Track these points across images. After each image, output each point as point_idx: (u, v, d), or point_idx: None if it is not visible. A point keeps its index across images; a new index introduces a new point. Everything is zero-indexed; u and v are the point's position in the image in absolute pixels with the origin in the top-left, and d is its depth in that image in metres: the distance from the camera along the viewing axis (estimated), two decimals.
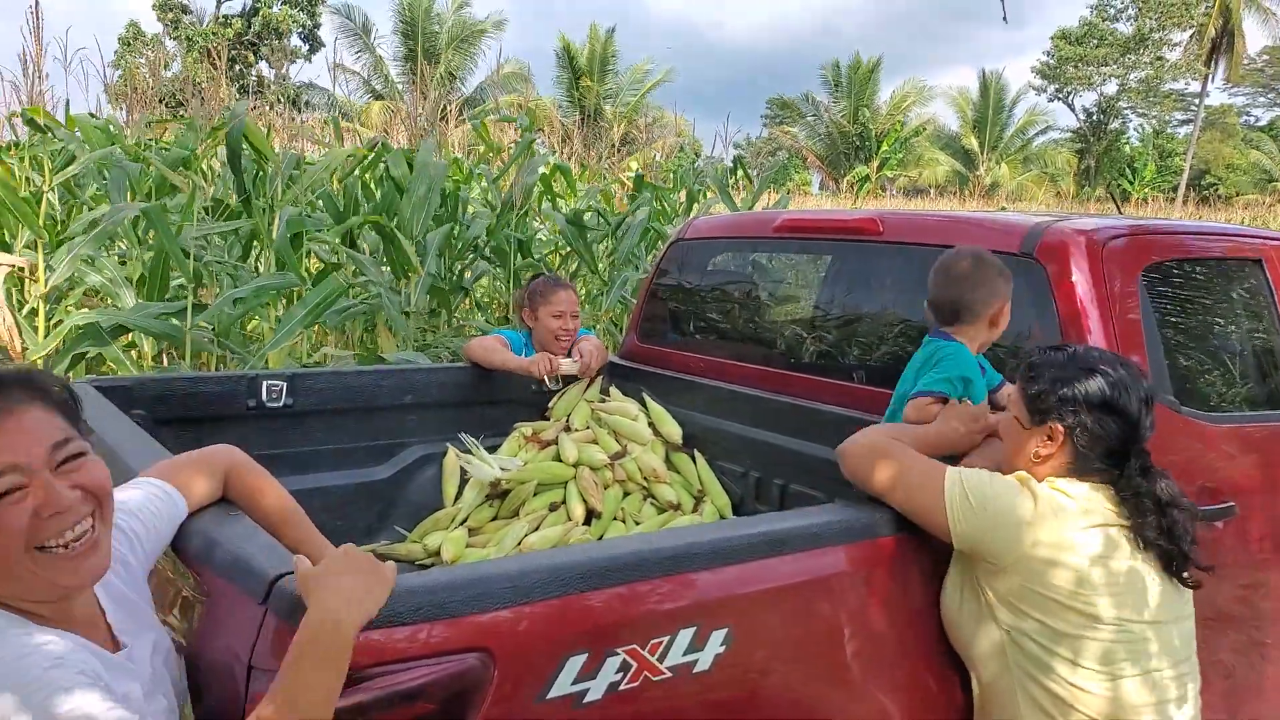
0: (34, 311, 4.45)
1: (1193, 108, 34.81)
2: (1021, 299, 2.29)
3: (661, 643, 1.37)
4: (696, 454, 2.95)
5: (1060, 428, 1.69)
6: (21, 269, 4.35)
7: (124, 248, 5.20)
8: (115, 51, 30.98)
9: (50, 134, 5.46)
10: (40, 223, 4.31)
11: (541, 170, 5.57)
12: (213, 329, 4.09)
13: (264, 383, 2.77)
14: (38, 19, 5.59)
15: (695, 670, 1.41)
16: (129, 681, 1.20)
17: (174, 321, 3.97)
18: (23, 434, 1.13)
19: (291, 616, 1.17)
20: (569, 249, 6.03)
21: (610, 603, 1.34)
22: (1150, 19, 34.08)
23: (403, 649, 1.20)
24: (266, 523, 1.51)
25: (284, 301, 4.95)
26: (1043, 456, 1.71)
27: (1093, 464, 1.69)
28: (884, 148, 24.36)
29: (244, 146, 4.57)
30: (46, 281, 4.31)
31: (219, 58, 6.00)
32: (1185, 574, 1.64)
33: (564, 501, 2.85)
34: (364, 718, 1.18)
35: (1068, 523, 1.62)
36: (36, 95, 5.55)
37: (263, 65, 32.22)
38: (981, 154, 31.52)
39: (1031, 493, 1.65)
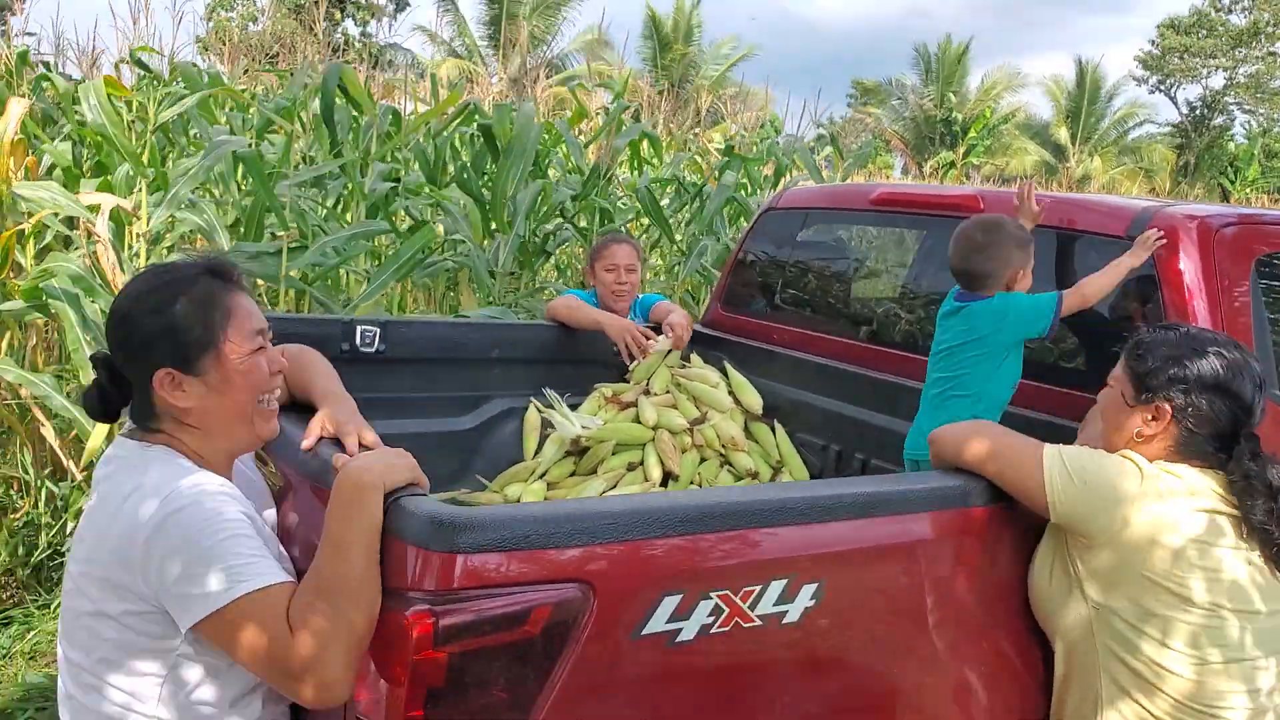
0: (134, 253, 4.64)
1: None
2: (1125, 285, 2.24)
3: (754, 591, 1.40)
4: (776, 425, 2.96)
5: (1167, 406, 1.66)
6: (124, 210, 4.53)
7: (218, 195, 5.37)
8: (206, 5, 31.69)
9: (154, 77, 5.64)
10: (145, 163, 4.48)
11: (631, 138, 5.57)
12: (305, 277, 4.21)
13: (359, 327, 2.85)
14: None
15: (784, 621, 1.43)
16: None
17: (270, 259, 4.09)
18: (257, 309, 1.47)
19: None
20: (648, 218, 6.05)
21: (708, 547, 1.37)
22: (1266, 11, 32.28)
23: (507, 575, 1.25)
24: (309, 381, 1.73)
25: (372, 257, 5.07)
26: (1146, 436, 1.68)
27: (1200, 446, 1.65)
28: (971, 134, 23.74)
29: (339, 99, 4.67)
30: (149, 220, 4.49)
31: (318, 7, 6.11)
32: None
33: (642, 462, 2.88)
34: (467, 637, 1.24)
35: (1172, 503, 1.60)
36: (148, 37, 5.73)
37: (348, 23, 32.68)
38: (1073, 145, 30.42)
39: (1138, 470, 1.63)
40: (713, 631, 1.37)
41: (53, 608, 3.30)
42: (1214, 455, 1.66)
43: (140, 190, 4.47)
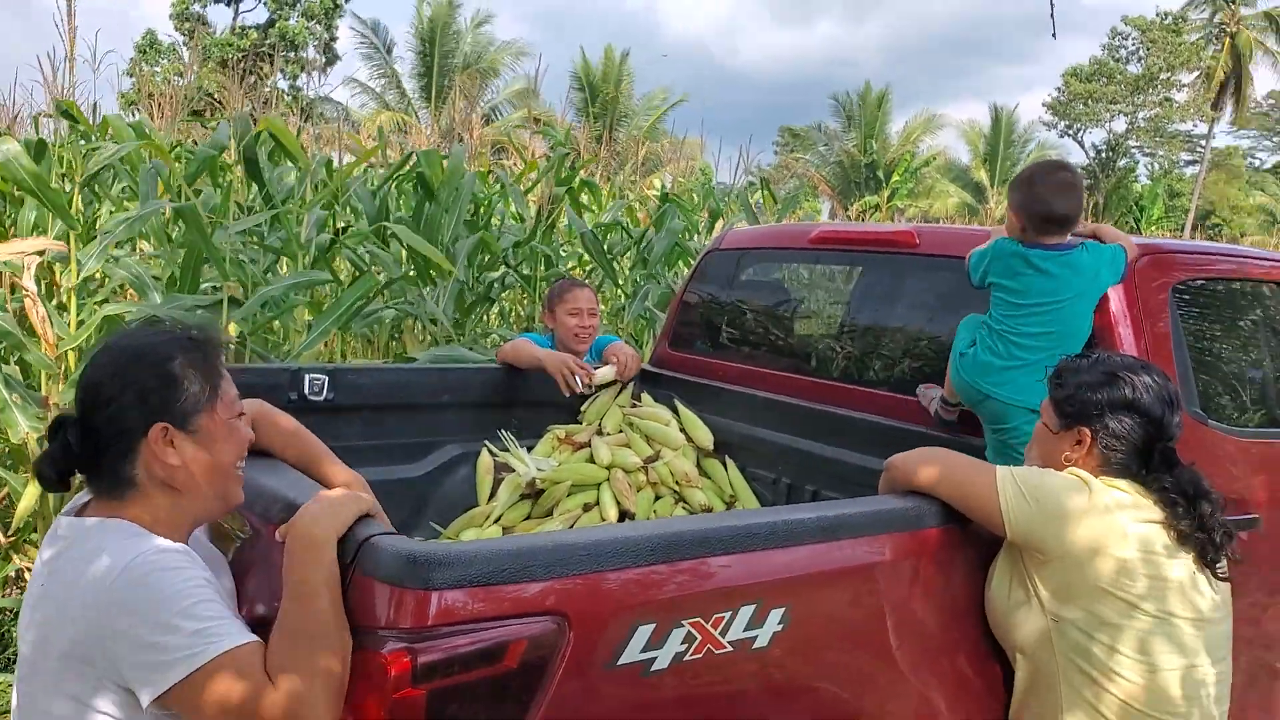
0: (63, 306, 4.51)
1: (1199, 149, 35.14)
2: None
3: (724, 618, 1.42)
4: (728, 460, 3.00)
5: (1087, 430, 1.76)
6: (51, 259, 4.40)
7: (148, 248, 5.27)
8: (130, 59, 31.18)
9: (80, 131, 5.54)
10: (73, 215, 4.38)
11: (569, 187, 5.65)
12: (244, 332, 4.14)
13: (306, 376, 2.83)
14: (70, 16, 5.61)
15: (754, 646, 1.46)
16: None
17: (207, 312, 4.02)
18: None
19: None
20: (591, 263, 6.11)
21: (678, 576, 1.40)
22: (1160, 59, 34.39)
23: (483, 610, 1.26)
24: (284, 442, 1.75)
25: (309, 308, 5.02)
26: (1072, 459, 1.78)
27: (1123, 463, 1.76)
28: (895, 177, 24.58)
29: (271, 150, 4.64)
30: (78, 274, 4.38)
31: (265, 61, 6.06)
32: (1219, 565, 1.70)
33: (597, 502, 2.89)
34: (445, 674, 1.24)
35: (1119, 516, 1.68)
36: (68, 91, 5.60)
37: (278, 77, 32.48)
38: (991, 187, 31.69)
39: (1086, 486, 1.71)
40: (686, 659, 1.40)
41: None
42: (1138, 471, 1.76)
43: (70, 244, 4.37)
